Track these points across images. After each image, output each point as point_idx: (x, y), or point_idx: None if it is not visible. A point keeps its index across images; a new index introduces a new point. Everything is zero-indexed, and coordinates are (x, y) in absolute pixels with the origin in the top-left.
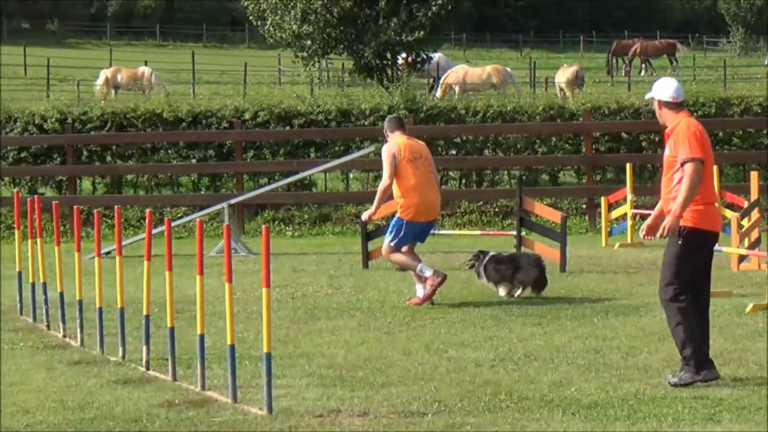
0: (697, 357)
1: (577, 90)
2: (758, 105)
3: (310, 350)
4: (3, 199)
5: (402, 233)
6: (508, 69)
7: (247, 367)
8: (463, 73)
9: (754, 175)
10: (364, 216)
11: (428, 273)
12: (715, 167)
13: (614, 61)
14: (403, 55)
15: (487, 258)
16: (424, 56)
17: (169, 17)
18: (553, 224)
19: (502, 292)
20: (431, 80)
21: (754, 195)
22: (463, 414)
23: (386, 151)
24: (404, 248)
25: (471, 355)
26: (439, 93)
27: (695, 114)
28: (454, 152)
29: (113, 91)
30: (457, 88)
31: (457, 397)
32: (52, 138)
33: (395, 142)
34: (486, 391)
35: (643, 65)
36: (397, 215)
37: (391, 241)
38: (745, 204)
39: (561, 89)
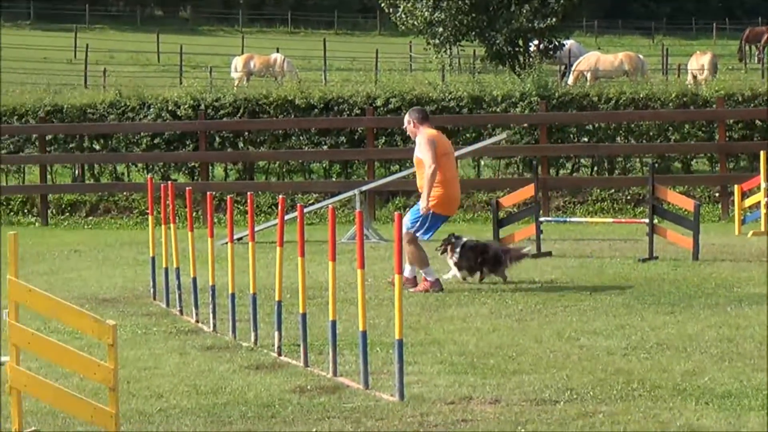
0: None
1: (710, 77)
2: None
3: (442, 337)
4: (136, 185)
5: (428, 224)
6: (641, 56)
7: (379, 354)
8: (595, 59)
9: None
10: (422, 209)
11: (431, 278)
12: None
13: (747, 48)
14: (535, 41)
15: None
16: (556, 43)
17: (301, 4)
18: (686, 212)
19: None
20: (563, 67)
21: None
22: (596, 402)
23: (426, 138)
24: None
25: (603, 344)
26: (571, 80)
27: None
28: (585, 139)
29: (245, 78)
30: (589, 75)
31: (589, 385)
32: (185, 124)
33: (432, 133)
34: (618, 379)
35: None
36: (426, 204)
37: (416, 230)
38: None
39: (694, 76)
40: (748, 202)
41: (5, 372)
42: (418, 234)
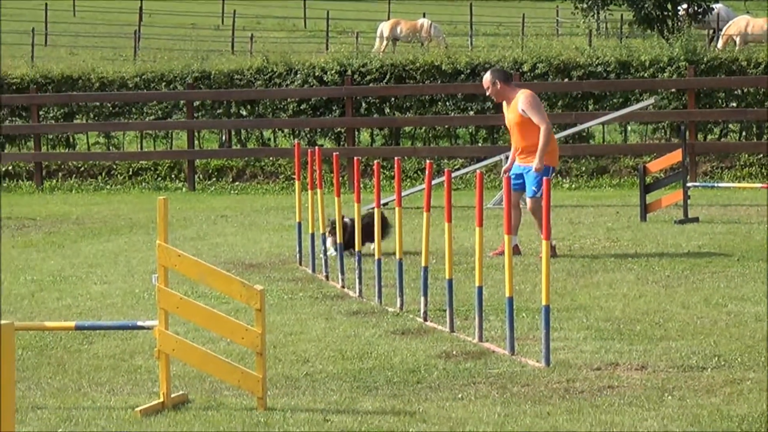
0: None
1: None
2: None
3: (588, 303)
4: (283, 150)
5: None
6: None
7: (524, 320)
8: (744, 23)
9: None
10: (538, 167)
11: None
12: None
13: None
14: (684, 5)
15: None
16: (705, 6)
17: None
18: None
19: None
20: (711, 31)
21: None
22: (743, 369)
23: (531, 97)
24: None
25: (751, 310)
26: (720, 44)
27: None
28: (734, 104)
29: (392, 44)
30: (738, 39)
31: (737, 351)
32: (331, 90)
33: (530, 91)
34: (766, 346)
35: None
36: (541, 164)
37: (539, 193)
38: None
39: None
40: None
41: (154, 336)
42: (540, 195)
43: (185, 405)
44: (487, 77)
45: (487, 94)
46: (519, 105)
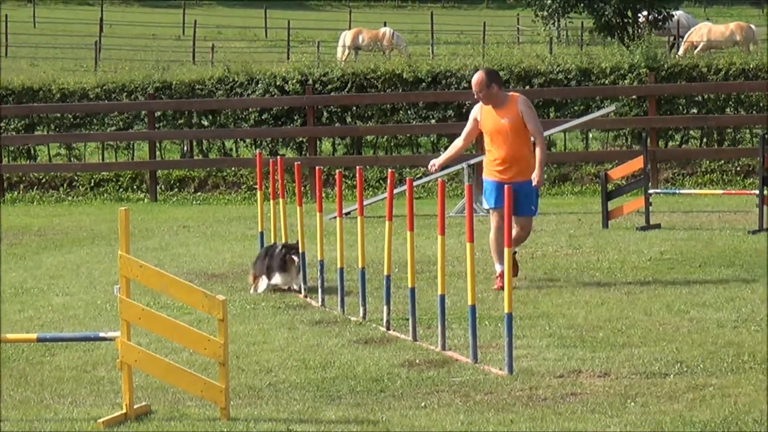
0: None
1: None
2: None
3: (550, 311)
4: (245, 160)
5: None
6: (753, 26)
7: (487, 328)
8: (706, 30)
9: None
10: (538, 182)
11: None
12: None
13: None
14: (644, 12)
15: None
16: (665, 13)
17: None
18: None
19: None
20: (672, 38)
21: None
22: (706, 375)
23: (530, 104)
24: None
25: (713, 316)
26: (681, 51)
27: None
28: (695, 110)
29: (354, 53)
30: (700, 46)
31: (699, 357)
32: (293, 99)
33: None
34: (729, 352)
35: None
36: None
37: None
38: None
39: None
40: None
41: (116, 347)
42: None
43: (148, 416)
44: (480, 79)
45: (478, 95)
46: (519, 109)
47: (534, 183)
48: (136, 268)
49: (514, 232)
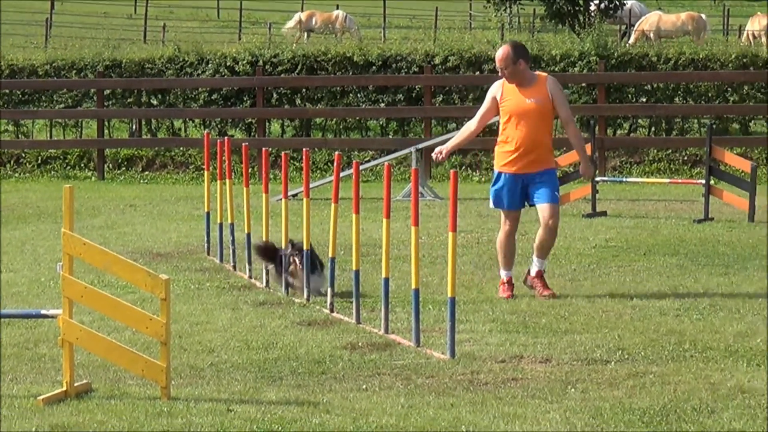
0: None
1: (766, 39)
2: None
3: (494, 296)
4: (193, 140)
5: None
6: (704, 16)
7: (431, 312)
8: (656, 19)
9: None
10: (585, 172)
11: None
12: None
13: None
14: (596, 1)
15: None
16: (617, 2)
17: None
18: (743, 173)
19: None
20: (623, 27)
21: None
22: (647, 362)
23: (561, 86)
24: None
25: (655, 304)
26: (632, 40)
27: None
28: (644, 99)
29: (305, 35)
30: (651, 35)
31: (640, 345)
32: (242, 80)
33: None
34: (670, 340)
35: None
36: (554, 167)
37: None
38: None
39: (755, 37)
40: None
41: (58, 325)
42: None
43: (88, 394)
44: (506, 53)
45: (502, 71)
46: (549, 91)
47: (585, 174)
48: (79, 245)
49: (539, 233)
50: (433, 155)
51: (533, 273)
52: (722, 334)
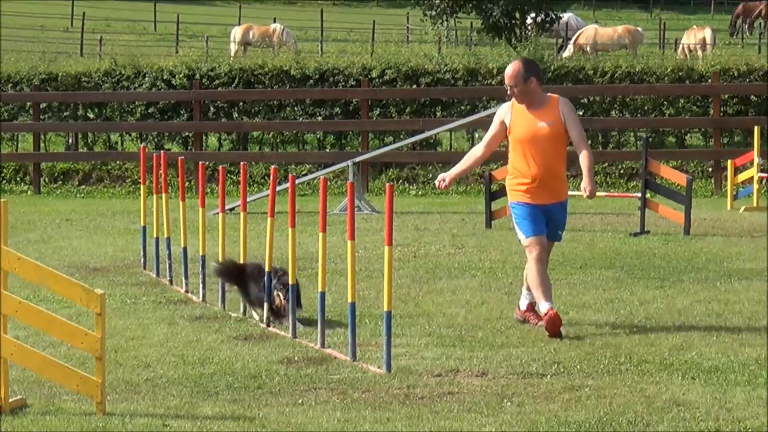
0: None
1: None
2: None
3: (431, 309)
4: (130, 154)
5: None
6: (640, 29)
7: (367, 326)
8: (593, 33)
9: None
10: (591, 192)
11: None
12: None
13: (743, 23)
14: (532, 14)
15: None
16: (553, 16)
17: None
18: (679, 187)
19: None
20: (560, 40)
21: None
22: (582, 376)
23: (572, 106)
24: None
25: (591, 318)
26: (568, 53)
27: None
28: (580, 113)
29: (243, 48)
30: (587, 49)
31: (576, 359)
32: (179, 93)
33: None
34: (606, 353)
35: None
36: (567, 197)
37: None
38: None
39: (690, 51)
40: (741, 177)
41: None
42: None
43: (23, 410)
44: (516, 70)
45: (512, 90)
46: (561, 113)
47: (587, 194)
48: (14, 260)
49: (538, 248)
50: (436, 182)
51: (523, 307)
52: (658, 348)
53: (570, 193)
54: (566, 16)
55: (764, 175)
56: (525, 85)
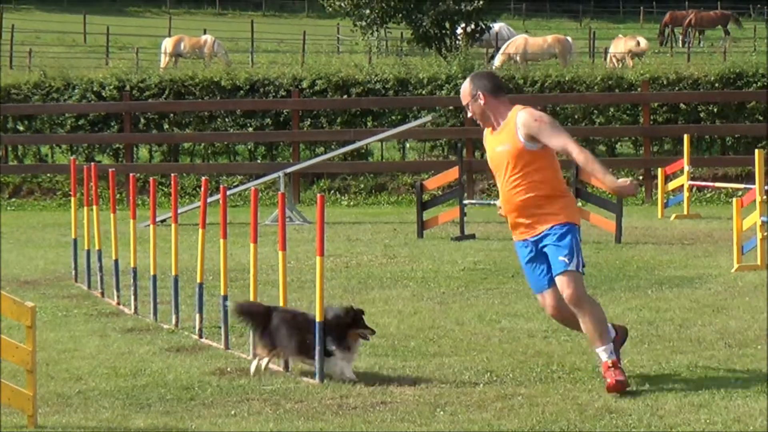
0: None
1: (630, 61)
2: None
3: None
4: (60, 166)
5: (578, 245)
6: (569, 39)
7: None
8: (523, 42)
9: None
10: (613, 187)
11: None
12: None
13: (671, 31)
14: (462, 24)
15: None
16: (483, 26)
17: None
18: (610, 195)
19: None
20: (491, 50)
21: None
22: (515, 384)
23: (539, 117)
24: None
25: (524, 326)
26: (497, 63)
27: (755, 86)
28: None
29: (173, 60)
30: (517, 58)
31: (509, 367)
32: (109, 105)
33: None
34: (538, 361)
35: (700, 36)
36: (566, 221)
37: (580, 265)
38: None
39: (618, 60)
40: (672, 185)
41: None
42: (583, 269)
43: None
44: (464, 87)
45: (469, 114)
46: (519, 129)
47: (627, 191)
48: None
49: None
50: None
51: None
52: (590, 356)
53: (495, 201)
54: (497, 26)
55: (694, 183)
56: (474, 103)
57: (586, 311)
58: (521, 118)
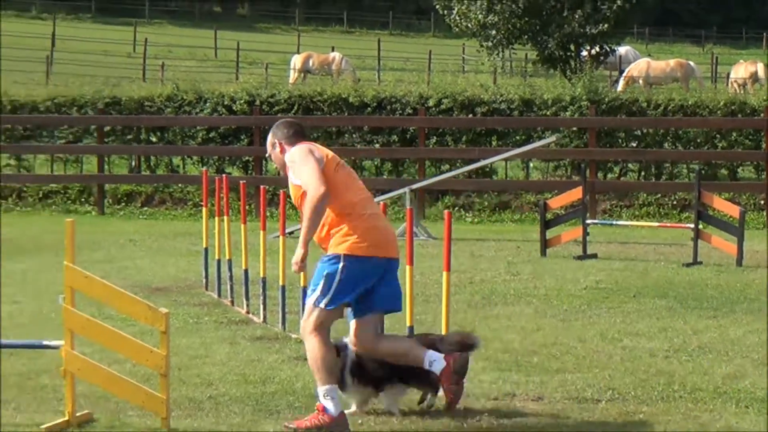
0: None
1: (752, 87)
2: None
3: (487, 335)
4: (191, 177)
5: (339, 282)
6: (692, 63)
7: None
8: (645, 66)
9: None
10: (295, 267)
11: (333, 408)
12: None
13: None
14: (587, 47)
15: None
16: (607, 49)
17: (357, 4)
18: (731, 218)
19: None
20: (616, 73)
21: None
22: (637, 402)
23: (299, 151)
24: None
25: (645, 345)
26: (621, 86)
27: None
28: (634, 144)
29: (302, 76)
30: (640, 81)
31: (630, 385)
32: (240, 119)
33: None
34: (659, 381)
35: None
36: (335, 251)
37: (320, 300)
38: None
39: (740, 85)
40: None
41: (60, 356)
42: (324, 305)
43: (90, 424)
44: (268, 137)
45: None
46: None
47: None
48: (81, 278)
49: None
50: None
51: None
52: (711, 376)
53: (623, 223)
54: (623, 49)
55: None
56: (274, 152)
57: (308, 345)
58: (286, 159)
